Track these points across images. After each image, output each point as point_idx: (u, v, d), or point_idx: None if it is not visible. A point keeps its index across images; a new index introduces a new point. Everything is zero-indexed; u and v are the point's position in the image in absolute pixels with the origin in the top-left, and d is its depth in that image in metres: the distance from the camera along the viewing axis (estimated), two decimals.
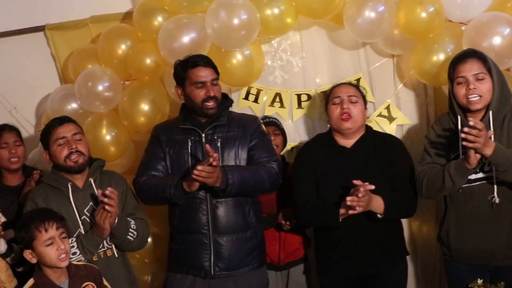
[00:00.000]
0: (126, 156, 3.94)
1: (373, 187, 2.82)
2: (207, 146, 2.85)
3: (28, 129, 4.16)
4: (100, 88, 3.75)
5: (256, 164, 3.07)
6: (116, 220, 2.87)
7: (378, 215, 2.97)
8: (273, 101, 3.91)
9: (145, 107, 3.78)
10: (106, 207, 2.79)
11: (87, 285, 2.69)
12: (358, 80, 3.75)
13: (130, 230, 2.98)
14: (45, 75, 4.16)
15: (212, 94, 3.05)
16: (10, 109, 4.18)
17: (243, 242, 3.08)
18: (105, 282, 2.81)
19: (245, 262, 3.08)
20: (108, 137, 3.82)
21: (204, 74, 3.07)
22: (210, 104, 3.05)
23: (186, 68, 3.09)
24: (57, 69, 4.14)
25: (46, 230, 2.58)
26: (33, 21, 4.09)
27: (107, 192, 2.79)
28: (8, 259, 2.89)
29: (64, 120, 3.07)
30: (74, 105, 3.86)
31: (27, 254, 2.60)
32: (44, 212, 2.69)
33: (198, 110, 3.09)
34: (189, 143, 3.09)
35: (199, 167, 2.76)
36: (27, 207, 2.98)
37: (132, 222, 3.01)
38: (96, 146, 3.73)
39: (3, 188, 3.52)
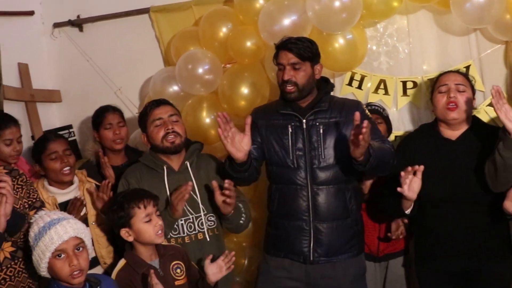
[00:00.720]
0: None
1: None
2: None
3: (132, 110, 4.33)
4: (200, 70, 3.85)
5: None
6: (231, 210, 3.00)
7: None
8: (377, 87, 3.86)
9: (245, 90, 3.85)
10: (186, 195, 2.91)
11: (176, 263, 2.81)
12: (467, 67, 3.62)
13: (242, 214, 3.11)
14: (149, 57, 4.32)
15: (286, 78, 3.04)
16: (115, 90, 4.39)
17: (343, 229, 3.09)
18: (193, 263, 2.93)
19: (344, 249, 3.09)
20: (207, 120, 3.93)
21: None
22: (289, 87, 3.04)
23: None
24: (161, 51, 4.30)
25: (145, 207, 2.71)
26: (139, 3, 4.24)
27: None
28: None
29: (160, 102, 3.19)
30: (175, 88, 4.00)
31: (124, 233, 2.73)
32: (140, 191, 2.83)
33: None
34: (289, 129, 3.09)
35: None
36: (119, 186, 3.14)
37: (241, 205, 3.12)
38: (196, 129, 3.87)
39: None
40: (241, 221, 3.11)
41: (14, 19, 4.36)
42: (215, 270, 2.80)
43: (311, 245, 3.06)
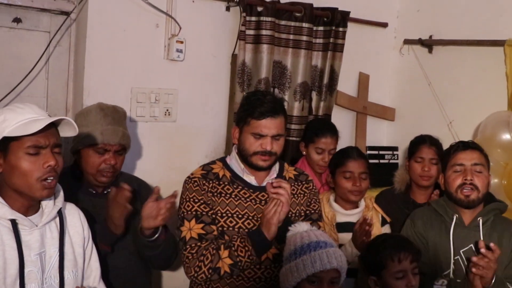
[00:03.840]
0: None
1: None
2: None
3: None
4: None
5: None
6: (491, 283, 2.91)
7: None
8: None
9: None
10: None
11: None
12: None
13: None
14: (493, 94, 4.34)
15: None
16: (448, 123, 4.54)
17: None
18: None
19: None
20: None
21: None
22: None
23: None
24: (507, 91, 4.26)
25: (399, 261, 2.73)
26: (495, 34, 4.29)
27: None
28: None
29: (469, 146, 3.22)
30: (507, 136, 3.98)
31: (371, 281, 2.81)
32: (402, 241, 2.87)
33: None
34: None
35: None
36: (406, 225, 3.30)
37: None
38: None
39: None
40: None
41: (366, 28, 4.84)
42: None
43: None
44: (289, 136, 4.25)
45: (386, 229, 3.52)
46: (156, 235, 2.90)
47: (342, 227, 3.47)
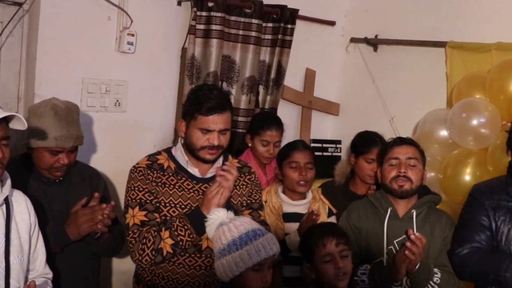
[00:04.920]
0: None
1: None
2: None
3: None
4: (475, 122, 3.98)
5: None
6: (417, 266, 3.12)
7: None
8: None
9: None
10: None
11: None
12: None
13: (431, 282, 3.17)
14: (433, 93, 4.56)
15: None
16: (389, 118, 4.76)
17: None
18: None
19: None
20: (468, 178, 4.01)
21: None
22: None
23: None
24: (447, 90, 4.48)
25: (324, 246, 2.91)
26: (438, 35, 4.50)
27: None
28: None
29: (405, 141, 3.42)
30: (444, 133, 4.19)
31: (306, 268, 2.99)
32: (326, 227, 3.07)
33: None
34: None
35: None
36: (342, 216, 3.51)
37: (438, 275, 3.20)
38: (454, 182, 4.03)
39: None
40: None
41: (314, 26, 5.02)
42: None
43: None
44: (236, 128, 4.40)
45: (332, 220, 3.68)
46: (98, 235, 3.06)
47: (289, 217, 3.65)
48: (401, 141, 3.40)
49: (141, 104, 4.10)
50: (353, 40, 5.09)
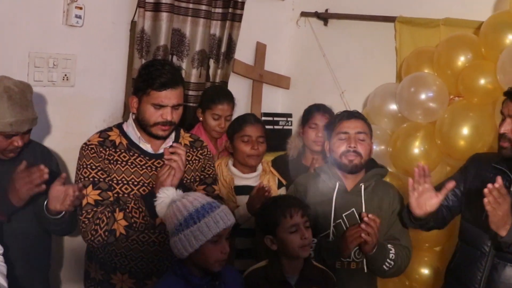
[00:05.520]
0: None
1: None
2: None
3: None
4: (423, 96, 4.05)
5: None
6: (375, 248, 3.17)
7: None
8: None
9: (465, 131, 3.92)
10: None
11: None
12: None
13: (388, 260, 3.24)
14: (383, 67, 4.60)
15: (502, 131, 3.05)
16: (340, 92, 4.80)
17: None
18: None
19: None
20: (416, 150, 4.09)
21: None
22: (502, 142, 3.06)
23: None
24: (396, 65, 4.54)
25: (291, 216, 2.95)
26: (388, 10, 4.53)
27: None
28: None
29: (353, 115, 3.43)
30: (394, 107, 4.26)
31: (267, 240, 3.01)
32: (290, 199, 3.11)
33: None
34: None
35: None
36: (290, 189, 3.56)
37: (392, 251, 3.26)
38: (403, 154, 4.10)
39: None
40: (384, 266, 3.23)
41: (265, 0, 5.01)
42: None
43: None
44: (187, 102, 4.35)
45: (283, 192, 3.75)
46: (62, 214, 3.00)
47: (240, 190, 3.69)
48: (349, 115, 3.42)
49: (90, 78, 4.04)
50: (304, 14, 5.08)
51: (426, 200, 3.03)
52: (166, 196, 2.65)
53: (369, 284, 3.41)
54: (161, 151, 3.11)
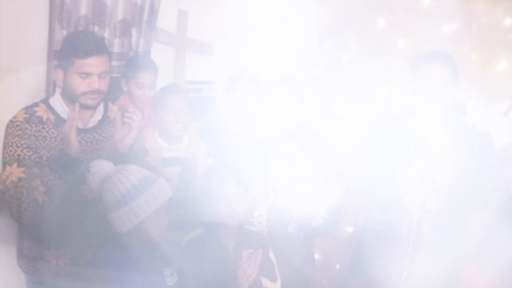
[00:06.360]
0: None
1: None
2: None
3: None
4: None
5: None
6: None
7: None
8: None
9: None
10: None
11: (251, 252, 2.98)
12: None
13: None
14: None
15: None
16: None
17: None
18: (272, 255, 3.11)
19: None
20: None
21: None
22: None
23: None
24: None
25: None
26: None
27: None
28: None
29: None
30: None
31: None
32: None
33: None
34: None
35: None
36: None
37: None
38: None
39: None
40: None
41: None
42: None
43: None
44: (110, 73, 4.32)
45: (210, 161, 3.73)
46: None
47: (169, 161, 3.66)
48: None
49: (9, 50, 3.93)
50: None
51: None
52: (100, 169, 2.65)
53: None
54: (90, 125, 3.08)
